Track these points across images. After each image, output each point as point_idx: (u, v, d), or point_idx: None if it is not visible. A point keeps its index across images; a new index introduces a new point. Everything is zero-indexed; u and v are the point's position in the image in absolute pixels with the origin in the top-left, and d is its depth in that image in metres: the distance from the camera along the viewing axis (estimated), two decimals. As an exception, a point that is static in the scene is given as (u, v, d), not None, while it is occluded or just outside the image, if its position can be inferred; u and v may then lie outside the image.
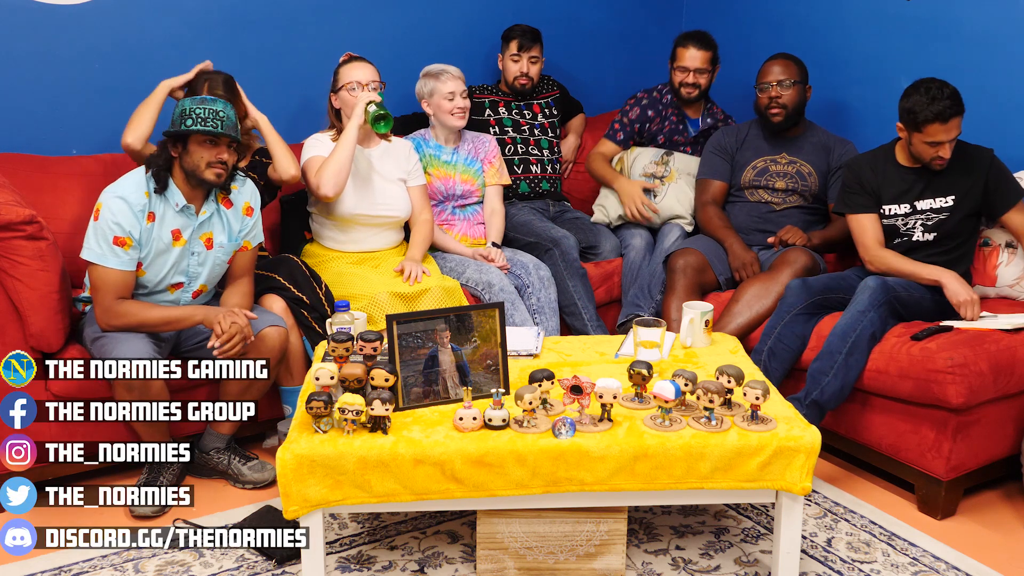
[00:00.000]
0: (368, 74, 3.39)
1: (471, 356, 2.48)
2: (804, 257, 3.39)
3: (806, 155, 3.69)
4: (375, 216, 3.41)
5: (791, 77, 3.61)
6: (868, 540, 2.74)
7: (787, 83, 3.61)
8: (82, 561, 2.59)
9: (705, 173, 3.81)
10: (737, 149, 3.77)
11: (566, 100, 4.27)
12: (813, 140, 3.72)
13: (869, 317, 2.94)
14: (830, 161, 3.68)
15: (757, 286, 3.35)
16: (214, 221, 2.87)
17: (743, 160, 3.75)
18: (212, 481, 3.02)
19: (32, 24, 3.35)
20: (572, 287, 3.61)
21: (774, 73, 3.63)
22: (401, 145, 3.56)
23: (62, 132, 3.47)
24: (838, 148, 3.69)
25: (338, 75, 3.43)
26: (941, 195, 3.16)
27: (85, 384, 2.80)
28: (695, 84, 3.90)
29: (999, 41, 3.41)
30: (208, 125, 2.69)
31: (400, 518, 2.79)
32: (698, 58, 3.88)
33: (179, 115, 2.71)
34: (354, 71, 3.40)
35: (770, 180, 3.69)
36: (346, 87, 3.38)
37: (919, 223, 3.19)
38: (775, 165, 3.69)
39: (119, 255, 2.70)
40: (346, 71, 3.41)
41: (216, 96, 3.17)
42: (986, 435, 2.88)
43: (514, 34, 4.00)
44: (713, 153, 3.81)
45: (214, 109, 2.71)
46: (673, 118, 4.01)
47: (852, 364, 2.92)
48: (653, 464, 2.29)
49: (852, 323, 2.95)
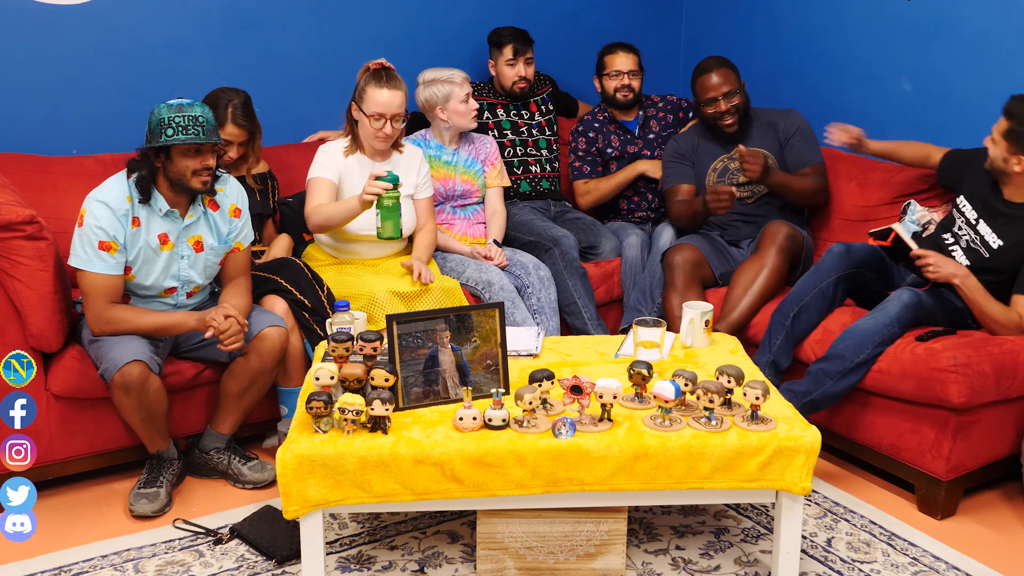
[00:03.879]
0: (396, 104, 3.22)
1: (471, 356, 2.48)
2: (784, 228, 3.43)
3: (757, 142, 3.73)
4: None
5: (733, 86, 3.64)
6: (868, 540, 2.74)
7: (732, 93, 3.62)
8: (82, 561, 2.59)
9: (671, 181, 3.83)
10: (694, 154, 3.81)
11: (558, 93, 4.28)
12: (759, 125, 3.76)
13: (892, 332, 2.88)
14: (779, 136, 3.73)
15: (748, 268, 3.39)
16: (201, 224, 2.85)
17: (701, 165, 3.78)
18: (212, 481, 3.02)
19: (32, 24, 3.35)
20: (572, 287, 3.61)
21: (715, 87, 3.63)
22: (411, 156, 3.45)
23: (62, 132, 3.47)
24: (782, 120, 3.75)
25: (365, 93, 3.23)
26: (997, 233, 3.00)
27: (85, 385, 2.81)
28: (629, 86, 3.98)
29: (999, 41, 3.41)
30: (190, 133, 2.63)
31: (400, 518, 2.79)
32: (628, 61, 3.98)
33: (157, 124, 2.64)
34: (381, 97, 3.20)
35: (733, 177, 3.72)
36: (371, 117, 3.22)
37: (966, 241, 3.07)
38: (733, 162, 3.72)
39: (105, 259, 2.69)
40: (374, 95, 3.21)
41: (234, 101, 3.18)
42: (986, 435, 2.87)
43: (505, 39, 3.98)
44: (674, 162, 3.83)
45: (193, 116, 2.64)
46: (616, 131, 4.06)
47: (859, 373, 2.91)
48: (653, 464, 2.29)
49: (874, 334, 2.88)
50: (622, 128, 4.08)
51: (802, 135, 3.72)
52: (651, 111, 4.12)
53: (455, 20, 4.17)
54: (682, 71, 4.74)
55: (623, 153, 4.05)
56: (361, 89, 3.25)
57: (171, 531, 2.73)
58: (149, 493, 2.82)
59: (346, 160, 3.33)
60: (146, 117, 2.69)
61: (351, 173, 3.31)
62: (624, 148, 4.06)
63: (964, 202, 3.14)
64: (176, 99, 2.68)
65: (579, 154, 4.08)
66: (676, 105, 4.15)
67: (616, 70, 3.98)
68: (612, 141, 4.07)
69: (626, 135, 4.07)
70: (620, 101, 4.01)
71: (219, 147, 2.80)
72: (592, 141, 4.07)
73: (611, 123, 4.08)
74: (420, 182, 3.45)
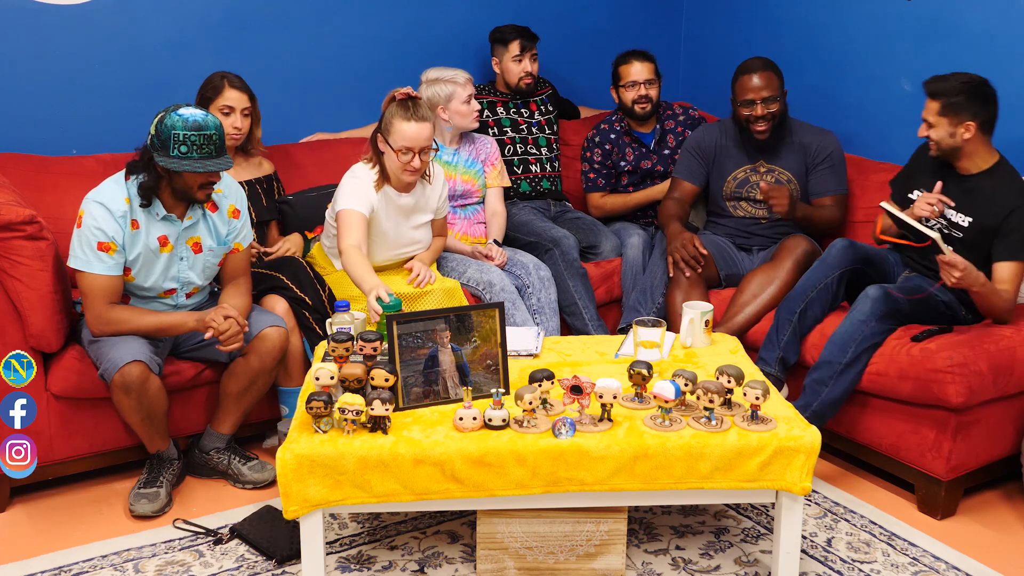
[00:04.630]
0: (424, 136, 3.07)
1: (471, 356, 2.48)
2: (804, 243, 3.39)
3: (784, 162, 3.64)
4: (397, 260, 3.35)
5: (774, 92, 3.51)
6: (868, 540, 2.74)
7: (771, 99, 3.50)
8: (82, 561, 2.59)
9: (679, 173, 3.77)
10: (715, 156, 3.72)
11: (558, 98, 4.27)
12: (790, 142, 3.64)
13: (870, 327, 2.91)
14: (807, 161, 3.63)
15: (761, 276, 3.36)
16: (200, 226, 2.85)
17: (722, 170, 3.70)
18: (212, 481, 3.02)
19: (32, 24, 3.35)
20: (572, 287, 3.60)
21: (755, 89, 3.50)
22: (436, 181, 3.33)
23: (62, 132, 3.47)
24: (816, 142, 3.63)
25: (392, 126, 3.07)
26: (963, 212, 3.03)
27: (85, 385, 2.81)
28: (647, 97, 3.92)
29: (999, 41, 3.41)
30: (204, 152, 2.60)
31: (400, 518, 2.79)
32: (644, 70, 3.91)
33: (170, 139, 2.59)
34: (409, 131, 3.05)
35: (751, 191, 3.65)
36: (399, 152, 3.07)
37: (939, 230, 3.08)
38: (755, 175, 3.66)
39: (104, 260, 2.69)
40: (402, 128, 3.05)
41: (234, 81, 3.18)
42: (986, 435, 2.88)
43: (511, 35, 3.98)
44: (691, 154, 3.75)
45: (208, 135, 2.61)
46: (631, 143, 4.02)
47: (851, 374, 2.92)
48: (653, 464, 2.29)
49: (852, 332, 2.92)
50: (637, 141, 4.02)
51: (831, 163, 3.60)
52: (669, 123, 4.04)
53: (455, 20, 4.16)
54: (682, 71, 4.74)
55: (636, 168, 4.01)
56: (387, 122, 3.10)
57: (171, 531, 2.73)
58: (149, 493, 2.82)
59: (377, 195, 3.19)
60: (146, 117, 2.69)
61: (380, 208, 3.19)
62: (638, 163, 4.00)
63: (921, 194, 3.16)
64: (188, 110, 2.62)
65: (594, 165, 4.04)
66: (696, 121, 4.06)
67: (632, 80, 3.91)
68: (627, 154, 4.01)
69: (641, 149, 4.02)
70: (638, 113, 3.95)
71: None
72: (607, 154, 4.02)
73: (627, 134, 4.02)
74: (439, 206, 3.39)
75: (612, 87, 4.01)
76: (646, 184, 4.03)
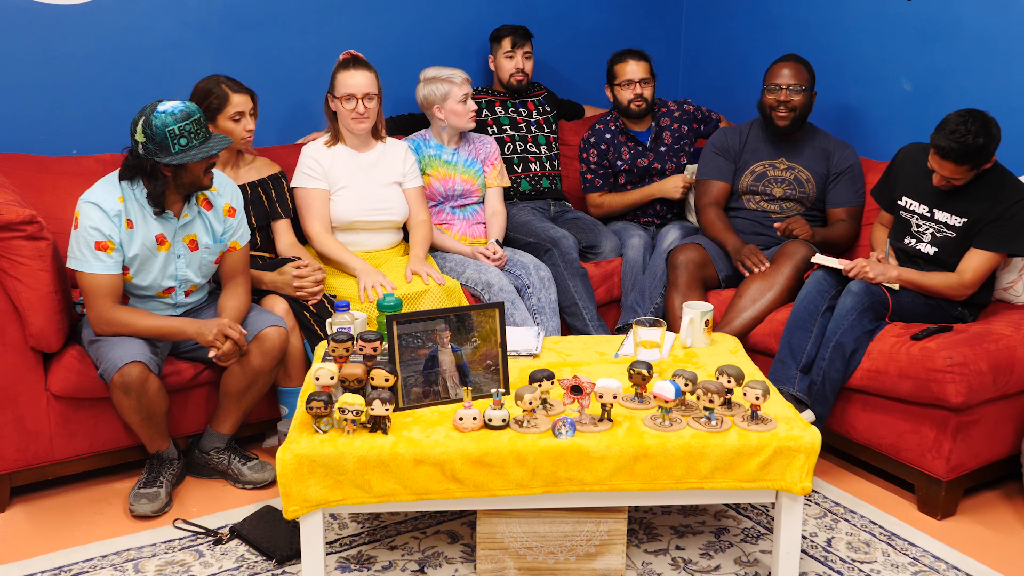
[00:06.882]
0: (365, 84, 3.32)
1: (471, 356, 2.48)
2: (804, 249, 3.39)
3: (805, 160, 3.66)
4: (373, 221, 3.42)
5: (801, 83, 3.56)
6: (868, 540, 2.74)
7: (797, 88, 3.55)
8: (82, 561, 2.59)
9: (706, 174, 3.77)
10: (739, 152, 3.74)
11: (555, 99, 4.27)
12: (813, 144, 3.68)
13: (824, 296, 3.04)
14: (829, 167, 3.66)
15: (760, 281, 3.36)
16: (196, 223, 2.85)
17: (743, 163, 3.73)
18: (212, 481, 3.02)
19: (32, 24, 3.35)
20: (572, 287, 3.60)
21: (784, 76, 3.57)
22: (397, 147, 3.54)
23: (62, 132, 3.47)
24: (838, 152, 3.66)
25: (335, 80, 3.36)
26: (958, 214, 3.07)
27: (85, 385, 2.81)
28: (641, 95, 3.93)
29: (999, 41, 3.41)
30: (202, 137, 2.64)
31: (400, 518, 2.79)
32: (640, 69, 3.92)
33: (166, 137, 2.59)
34: (351, 79, 3.32)
35: (768, 186, 3.67)
36: (342, 99, 3.33)
37: (931, 233, 3.14)
38: (773, 170, 3.67)
39: (103, 259, 2.69)
40: (343, 79, 3.33)
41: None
42: (986, 435, 2.88)
43: (504, 32, 4.01)
44: (715, 154, 3.77)
45: (197, 119, 2.64)
46: (627, 142, 4.01)
47: (833, 345, 2.96)
48: (653, 464, 2.29)
49: (808, 303, 3.06)
50: (633, 139, 4.02)
51: (851, 175, 3.64)
52: (664, 120, 4.05)
53: (455, 21, 4.17)
54: (682, 71, 4.74)
55: (632, 166, 4.01)
56: (332, 79, 3.37)
57: (171, 531, 2.73)
58: (149, 493, 2.82)
59: (330, 153, 3.38)
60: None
61: (336, 166, 3.38)
62: (634, 161, 4.01)
63: (910, 201, 3.19)
64: (168, 104, 2.62)
65: (591, 166, 4.05)
66: (692, 115, 4.07)
67: (627, 79, 3.92)
68: (622, 153, 4.02)
69: (637, 147, 4.02)
70: (633, 112, 3.96)
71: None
72: (603, 153, 4.02)
73: (622, 133, 4.02)
74: (407, 171, 3.50)
75: (607, 86, 4.02)
76: (644, 182, 4.03)
